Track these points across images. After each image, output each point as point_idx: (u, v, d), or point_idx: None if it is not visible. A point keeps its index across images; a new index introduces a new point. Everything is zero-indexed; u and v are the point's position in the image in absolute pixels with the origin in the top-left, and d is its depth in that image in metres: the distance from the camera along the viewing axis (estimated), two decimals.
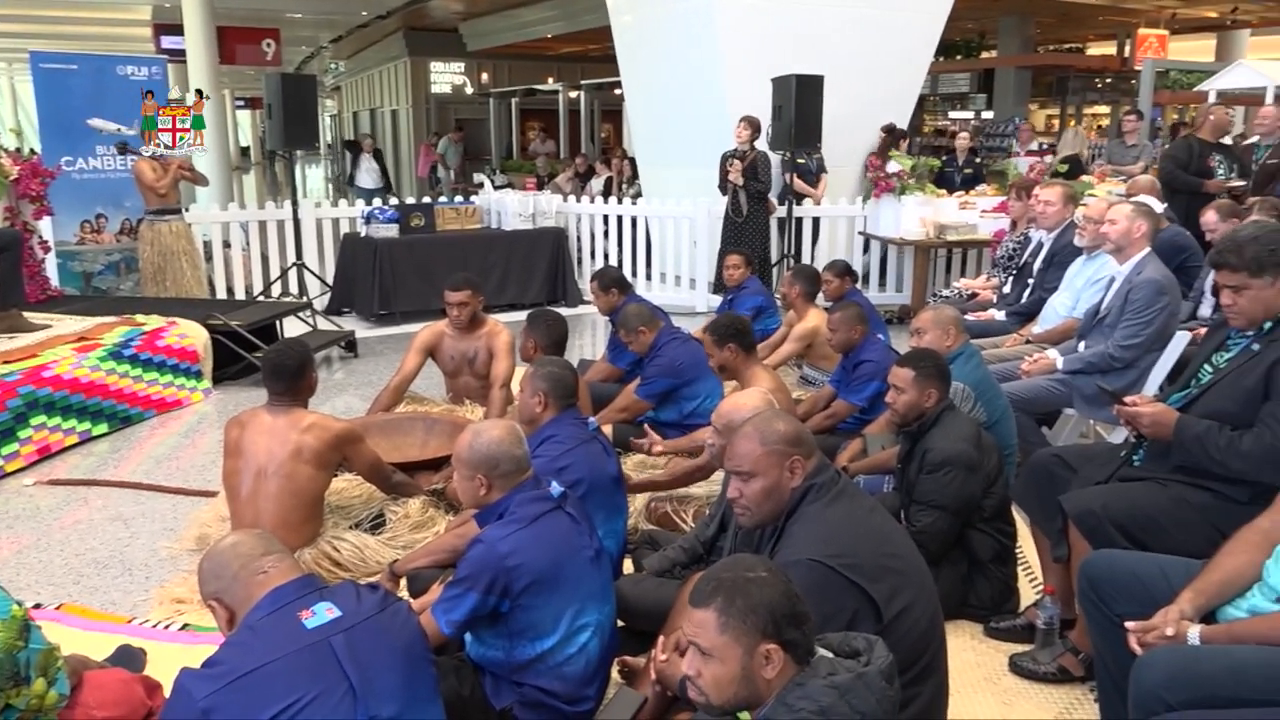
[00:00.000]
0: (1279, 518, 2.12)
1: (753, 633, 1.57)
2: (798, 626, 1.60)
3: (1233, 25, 16.08)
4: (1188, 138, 7.04)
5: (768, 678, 1.58)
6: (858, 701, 1.56)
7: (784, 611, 1.58)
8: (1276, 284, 2.50)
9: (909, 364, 3.18)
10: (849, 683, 1.58)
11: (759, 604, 1.58)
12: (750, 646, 1.57)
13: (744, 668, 1.58)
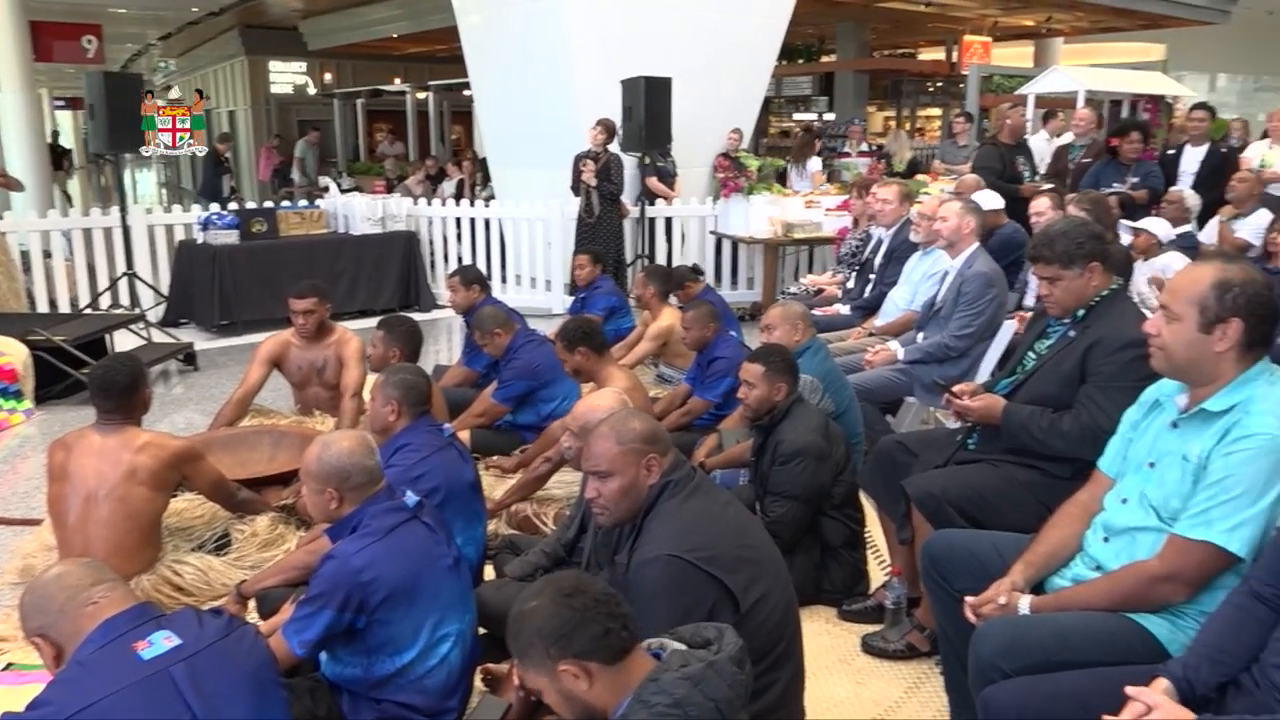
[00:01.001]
0: (1096, 492, 2.27)
1: (544, 661, 1.61)
2: (581, 636, 1.60)
3: (1048, 34, 17.21)
4: (994, 145, 7.38)
5: (585, 690, 1.61)
6: (711, 690, 1.59)
7: (556, 630, 1.60)
8: (1085, 275, 2.69)
9: (759, 359, 3.27)
10: (701, 672, 1.61)
11: (533, 637, 1.61)
12: (551, 671, 1.61)
13: (560, 692, 1.63)
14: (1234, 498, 1.89)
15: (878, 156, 10.31)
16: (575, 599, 1.62)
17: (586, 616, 1.61)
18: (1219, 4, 14.87)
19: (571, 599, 1.62)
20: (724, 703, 1.59)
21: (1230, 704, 1.72)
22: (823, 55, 19.20)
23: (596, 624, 1.61)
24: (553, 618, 1.61)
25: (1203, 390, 2.02)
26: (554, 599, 1.63)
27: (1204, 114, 7.39)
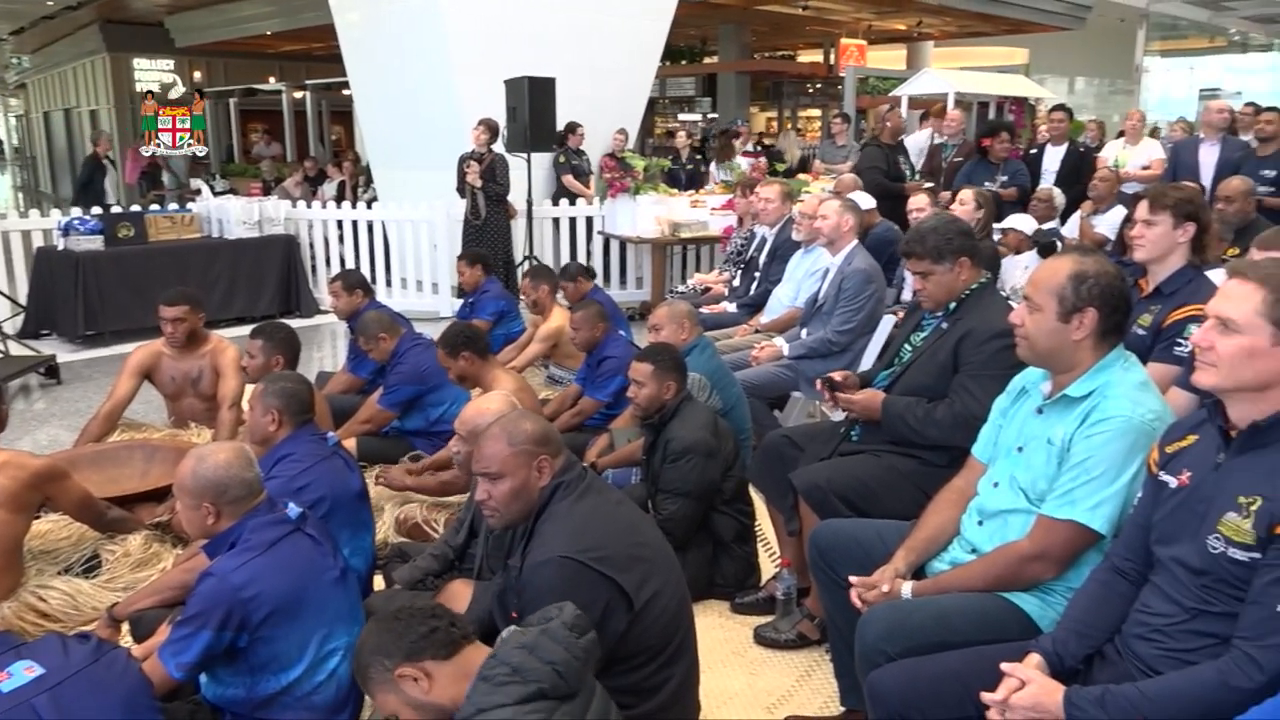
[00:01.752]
0: (971, 478, 2.36)
1: (384, 676, 1.74)
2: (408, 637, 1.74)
3: (919, 37, 17.85)
4: (878, 146, 7.66)
5: (428, 691, 1.73)
6: (545, 654, 1.70)
7: (386, 642, 1.75)
8: (956, 269, 2.80)
9: (647, 359, 3.29)
10: (535, 639, 1.72)
11: (369, 658, 1.76)
12: (393, 685, 1.74)
13: (408, 704, 1.74)
14: (1095, 478, 1.99)
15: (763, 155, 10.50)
16: (400, 614, 1.79)
17: (411, 623, 1.76)
18: (1074, 11, 15.68)
19: (396, 616, 1.79)
20: (561, 664, 1.69)
21: (1096, 674, 1.82)
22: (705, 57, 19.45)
23: (422, 625, 1.75)
24: (382, 634, 1.76)
25: (1064, 377, 2.13)
26: (380, 622, 1.80)
27: (1063, 115, 7.78)
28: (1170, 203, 2.95)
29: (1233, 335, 1.66)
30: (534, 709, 1.64)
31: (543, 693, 1.67)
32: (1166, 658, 1.70)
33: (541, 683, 1.67)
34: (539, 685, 1.67)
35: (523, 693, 1.66)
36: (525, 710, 1.63)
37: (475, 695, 1.68)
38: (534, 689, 1.66)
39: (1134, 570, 1.86)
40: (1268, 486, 1.61)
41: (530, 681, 1.66)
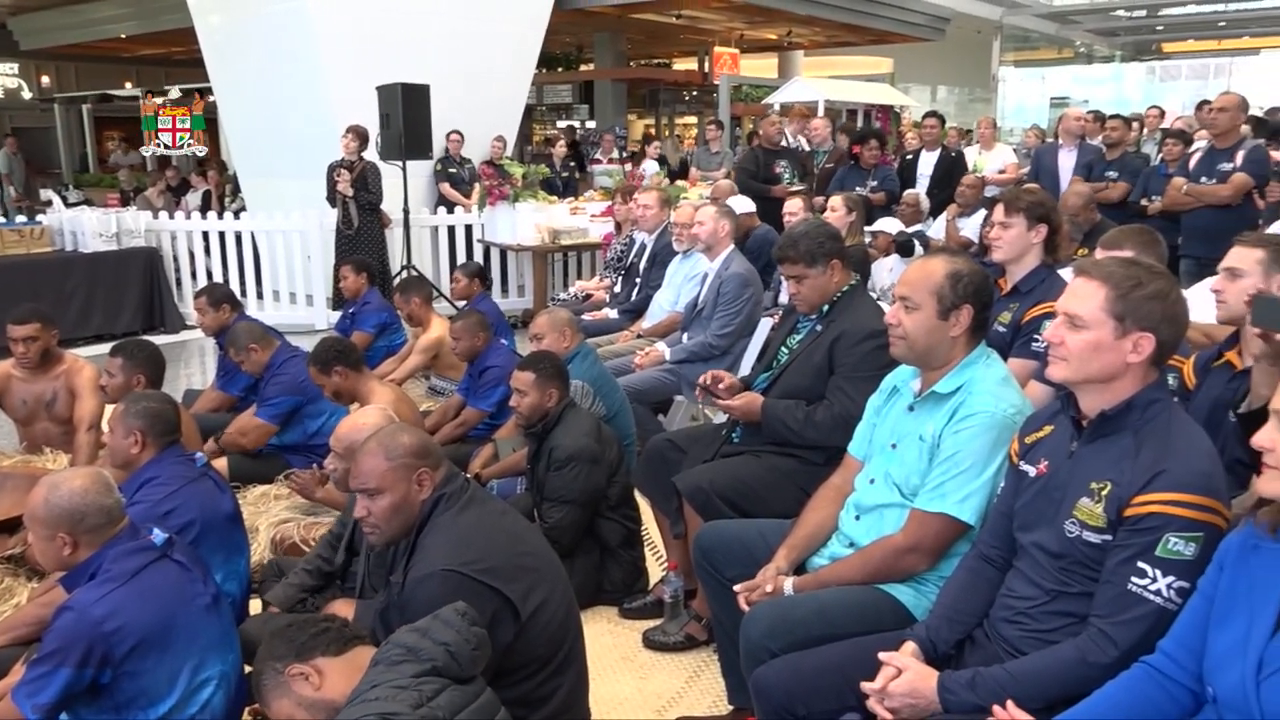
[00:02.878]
0: (847, 474, 2.44)
1: (277, 679, 1.75)
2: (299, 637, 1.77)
3: (790, 46, 18.32)
4: (754, 148, 7.85)
5: (319, 688, 1.73)
6: (438, 635, 1.71)
7: (279, 646, 1.77)
8: (828, 272, 2.89)
9: (529, 367, 3.28)
10: (428, 623, 1.74)
11: (262, 665, 1.78)
12: (286, 687, 1.74)
13: (301, 705, 1.73)
14: (963, 471, 2.08)
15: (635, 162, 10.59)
16: (294, 621, 1.85)
17: (303, 626, 1.79)
18: (935, 23, 16.36)
19: (290, 624, 1.83)
20: (453, 645, 1.71)
21: (967, 658, 1.90)
22: (582, 64, 19.51)
23: (313, 627, 1.78)
24: (274, 641, 1.78)
25: (934, 375, 2.22)
26: (274, 632, 1.82)
27: (935, 121, 8.11)
28: (1024, 205, 3.10)
29: (1080, 331, 1.76)
30: (426, 681, 1.65)
31: (436, 670, 1.67)
32: (1030, 638, 1.79)
33: (435, 660, 1.68)
34: (433, 663, 1.67)
35: (417, 669, 1.66)
36: (418, 682, 1.64)
37: (367, 675, 1.67)
38: (428, 666, 1.67)
39: (999, 557, 1.95)
40: (1116, 472, 1.71)
41: (424, 660, 1.67)
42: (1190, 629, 1.56)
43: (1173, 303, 1.74)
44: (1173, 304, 1.74)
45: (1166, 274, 1.82)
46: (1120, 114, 7.58)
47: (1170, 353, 1.78)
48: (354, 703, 1.63)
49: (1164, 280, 1.76)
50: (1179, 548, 1.63)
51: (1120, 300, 1.73)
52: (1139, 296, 1.72)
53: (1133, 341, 1.72)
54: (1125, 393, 1.75)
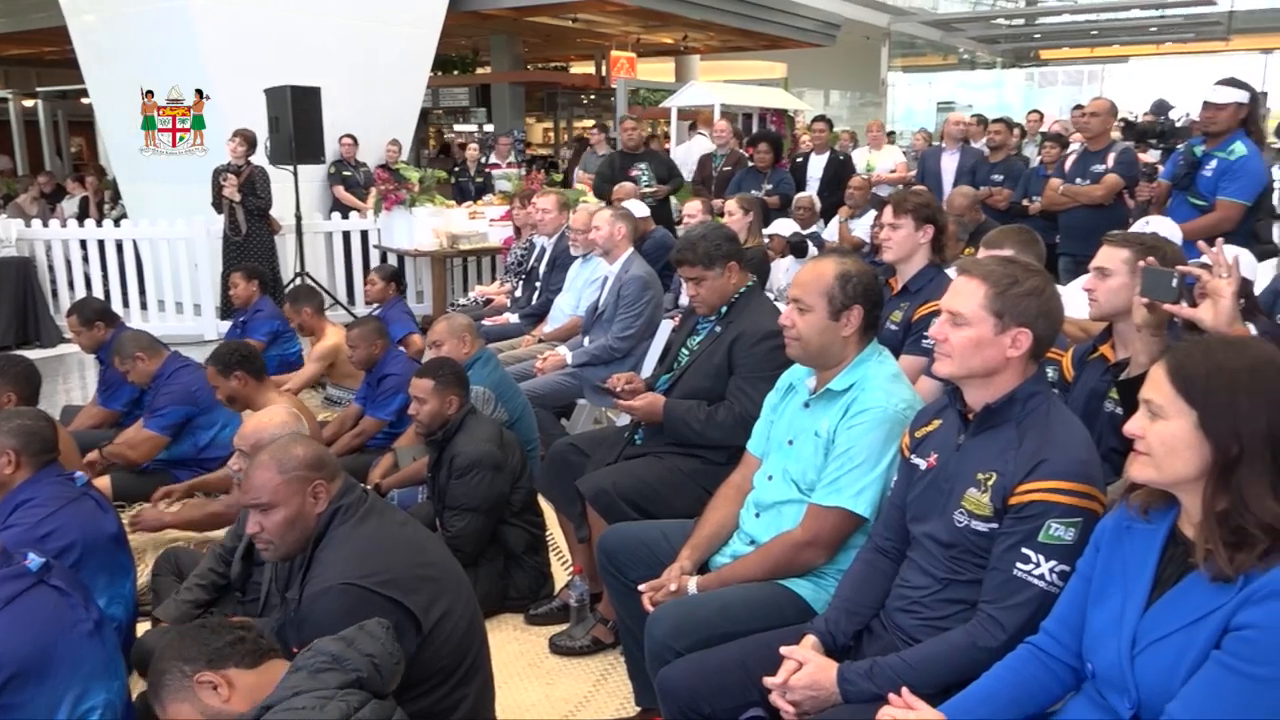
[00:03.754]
0: (747, 473, 2.47)
1: (182, 682, 1.67)
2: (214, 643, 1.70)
3: (686, 51, 18.49)
4: (614, 153, 7.95)
5: (226, 700, 1.66)
6: (364, 646, 1.69)
7: (190, 647, 1.69)
8: (725, 274, 2.93)
9: (427, 374, 3.24)
10: (353, 634, 1.71)
11: (168, 663, 1.69)
12: (190, 692, 1.66)
13: (204, 714, 1.66)
14: (857, 465, 2.14)
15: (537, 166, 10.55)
16: (205, 624, 1.77)
17: (218, 631, 1.72)
18: (825, 29, 16.74)
19: (204, 625, 1.76)
20: (379, 658, 1.68)
21: (865, 648, 1.95)
22: (478, 67, 19.32)
23: (229, 634, 1.71)
24: (185, 640, 1.71)
25: (828, 373, 2.27)
26: (187, 630, 1.75)
27: (823, 125, 8.31)
28: (911, 207, 3.20)
29: (962, 328, 1.83)
30: (351, 693, 1.61)
31: (360, 682, 1.63)
32: (924, 626, 1.85)
33: (360, 672, 1.64)
34: (357, 674, 1.64)
35: (341, 679, 1.61)
36: (343, 693, 1.59)
37: (288, 680, 1.61)
38: (353, 677, 1.63)
39: (894, 548, 2.01)
40: (1000, 463, 1.78)
41: (349, 670, 1.63)
42: (1070, 609, 1.64)
43: (1047, 299, 1.82)
44: (1047, 300, 1.82)
45: (1042, 272, 1.91)
46: (1003, 118, 7.88)
47: (1047, 347, 1.85)
48: (277, 708, 1.57)
49: (1039, 278, 1.85)
50: (1059, 533, 1.70)
51: (999, 298, 1.80)
52: (1016, 294, 1.80)
53: (1011, 337, 1.80)
54: (1007, 386, 1.83)
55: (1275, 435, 1.38)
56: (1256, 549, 1.37)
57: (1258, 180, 4.17)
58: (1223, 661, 1.37)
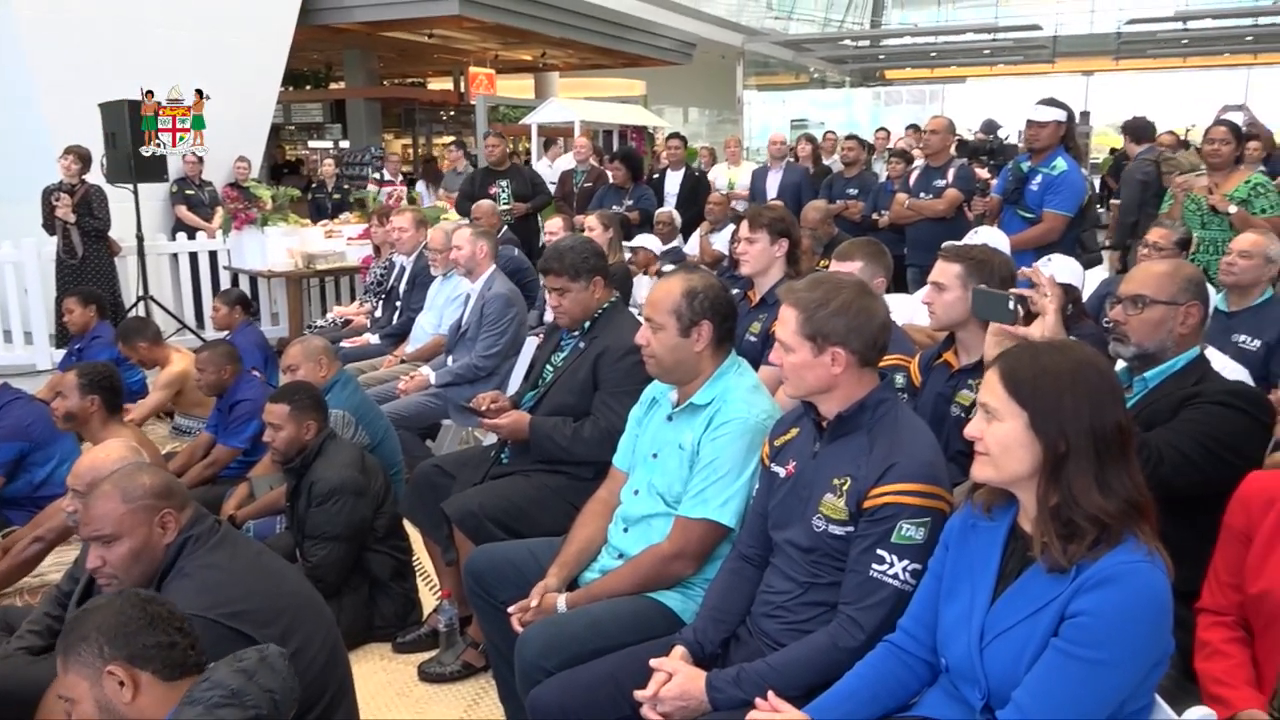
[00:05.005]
0: (614, 487, 2.49)
1: (94, 660, 1.56)
2: (143, 638, 1.58)
3: (545, 68, 18.54)
4: (476, 170, 7.96)
5: (128, 702, 1.56)
6: (265, 680, 1.59)
7: (119, 626, 1.58)
8: (591, 288, 2.94)
9: (283, 399, 3.13)
10: (254, 665, 1.61)
11: (91, 630, 1.58)
12: (97, 673, 1.56)
13: (98, 702, 1.57)
14: (721, 476, 2.18)
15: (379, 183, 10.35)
16: (151, 605, 1.62)
17: (156, 624, 1.59)
18: (682, 48, 17.10)
19: (147, 605, 1.61)
20: (280, 694, 1.60)
21: (733, 655, 1.98)
22: (332, 82, 18.86)
23: (163, 633, 1.59)
24: (120, 614, 1.59)
25: (689, 387, 2.31)
26: (129, 600, 1.61)
27: (679, 142, 8.46)
28: (766, 221, 3.30)
29: (789, 354, 1.91)
30: None
31: None
32: (788, 630, 1.90)
33: (260, 709, 1.55)
34: (256, 712, 1.54)
35: (240, 717, 1.52)
36: None
37: (183, 713, 1.52)
38: (251, 714, 1.53)
39: (758, 556, 2.05)
40: (853, 468, 1.85)
41: (249, 707, 1.54)
42: (924, 606, 1.71)
43: (856, 314, 1.88)
44: (856, 315, 1.88)
45: (853, 286, 1.96)
46: (854, 135, 8.22)
47: (874, 357, 1.92)
48: None
49: (849, 293, 1.91)
50: (911, 533, 1.78)
51: (808, 322, 1.88)
52: (823, 316, 1.88)
53: (830, 356, 1.87)
54: (855, 396, 1.90)
55: (1097, 432, 1.48)
56: (1086, 540, 1.47)
57: (1079, 193, 4.48)
58: (1060, 648, 1.46)
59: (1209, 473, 1.96)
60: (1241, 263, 3.46)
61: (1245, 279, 3.47)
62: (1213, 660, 1.78)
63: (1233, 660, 1.76)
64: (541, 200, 7.70)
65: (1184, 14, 20.66)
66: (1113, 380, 1.56)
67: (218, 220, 7.98)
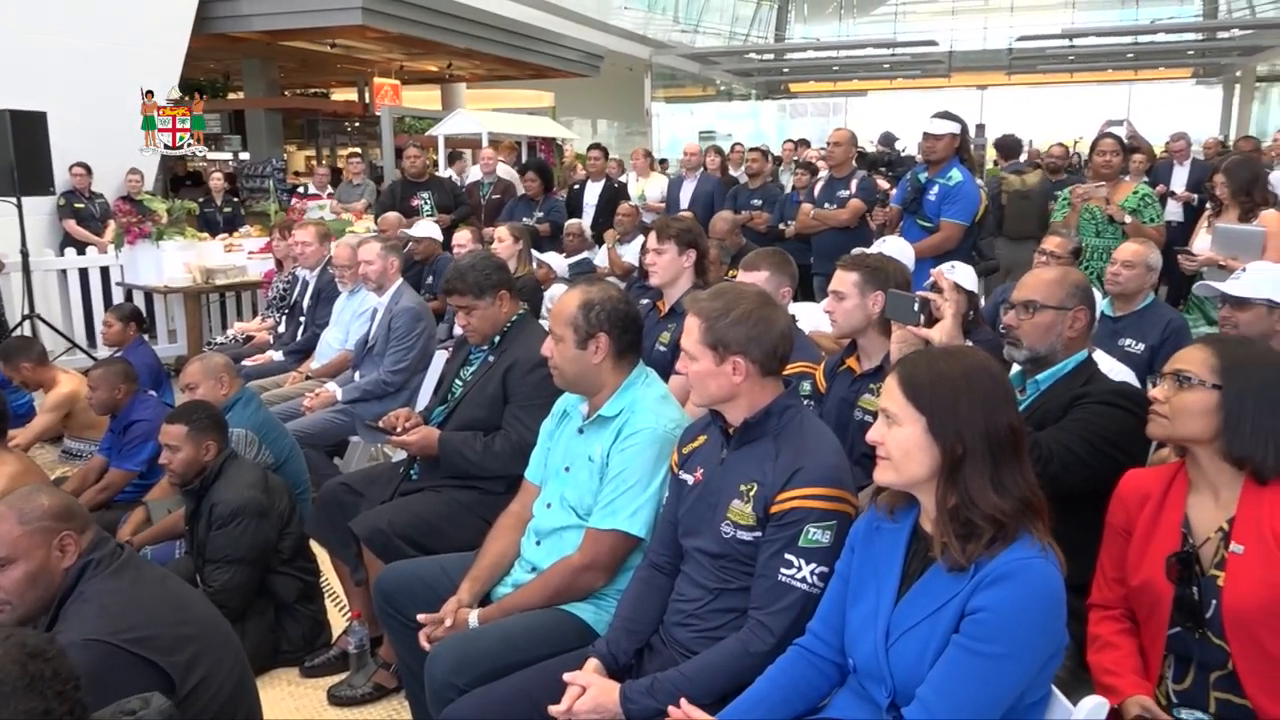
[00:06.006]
0: (526, 501, 2.47)
1: None
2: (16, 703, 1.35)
3: (451, 79, 18.35)
4: (394, 181, 7.90)
5: None
6: None
7: None
8: (497, 303, 2.93)
9: (180, 419, 3.03)
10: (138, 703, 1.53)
11: None
12: None
13: None
14: (630, 487, 2.19)
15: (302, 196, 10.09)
16: (34, 662, 1.35)
17: (34, 686, 1.35)
18: (590, 59, 17.14)
19: (30, 661, 1.35)
20: None
21: (646, 665, 1.99)
22: (230, 92, 18.35)
23: (40, 699, 1.35)
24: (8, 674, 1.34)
25: (598, 398, 2.31)
26: (10, 652, 1.35)
27: (599, 153, 8.47)
28: (674, 233, 3.33)
29: (693, 362, 1.93)
30: None
31: None
32: (700, 638, 1.91)
33: None
34: None
35: None
36: None
37: None
38: None
39: (669, 564, 2.06)
40: (760, 474, 1.87)
41: None
42: (832, 609, 1.74)
43: (756, 323, 1.92)
44: (756, 325, 1.92)
45: (754, 296, 2.00)
46: (759, 146, 8.34)
47: (775, 366, 1.96)
48: None
49: (749, 303, 1.95)
50: (817, 537, 1.81)
51: (710, 331, 1.92)
52: (724, 325, 1.91)
53: (731, 365, 1.91)
54: (760, 403, 1.93)
55: (991, 434, 1.53)
56: (983, 538, 1.52)
57: (974, 202, 4.64)
58: (961, 644, 1.50)
59: (1096, 469, 2.05)
60: (1125, 272, 3.63)
61: (1129, 287, 3.64)
62: (1103, 652, 1.86)
63: (1121, 651, 1.84)
64: (464, 212, 7.63)
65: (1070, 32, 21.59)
66: (1004, 384, 1.62)
67: (109, 234, 7.67)
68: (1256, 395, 1.73)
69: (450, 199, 7.52)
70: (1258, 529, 1.71)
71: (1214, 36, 22.27)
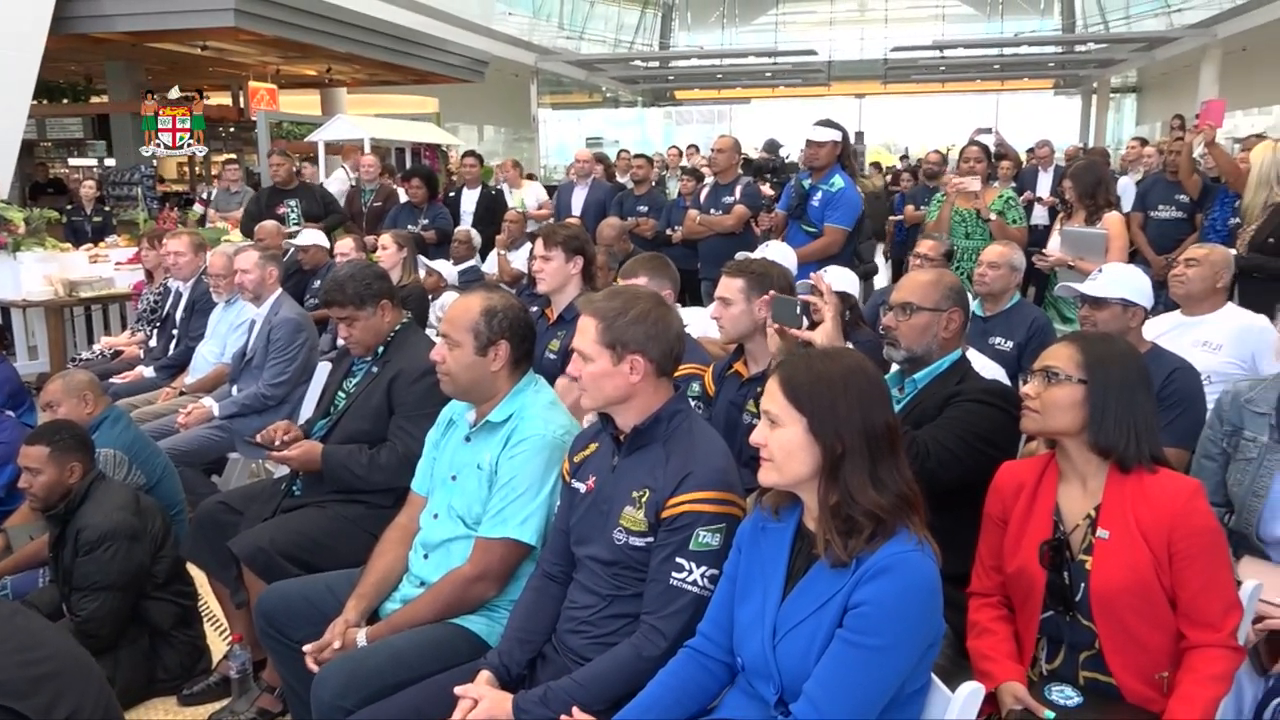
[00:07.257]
0: (413, 513, 2.42)
1: None
2: None
3: (331, 84, 17.90)
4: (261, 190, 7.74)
5: None
6: None
7: None
8: (379, 313, 2.87)
9: (41, 440, 2.87)
10: None
11: None
12: None
13: None
14: (520, 494, 2.17)
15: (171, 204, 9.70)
16: None
17: None
18: (474, 65, 16.98)
19: None
20: None
21: (539, 675, 1.97)
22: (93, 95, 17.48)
23: None
24: None
25: (486, 405, 2.29)
26: None
27: (474, 160, 8.38)
28: (560, 240, 3.32)
29: (588, 363, 1.94)
30: None
31: None
32: (593, 645, 1.91)
33: None
34: None
35: None
36: None
37: None
38: None
39: (561, 573, 2.05)
40: (651, 479, 1.88)
41: None
42: (720, 610, 1.76)
43: (653, 323, 1.94)
44: (654, 324, 1.94)
45: (650, 297, 2.03)
46: (644, 154, 8.41)
47: (670, 366, 1.98)
48: None
49: (645, 303, 1.97)
50: (707, 539, 1.83)
51: (608, 330, 1.92)
52: (622, 324, 1.92)
53: (629, 364, 1.92)
54: (651, 408, 1.94)
55: (869, 433, 1.58)
56: (864, 534, 1.56)
57: (855, 208, 4.77)
58: (844, 638, 1.54)
59: (969, 464, 2.13)
60: (991, 273, 3.80)
61: (996, 287, 3.80)
62: (981, 638, 1.94)
63: (997, 636, 1.92)
64: (334, 220, 7.43)
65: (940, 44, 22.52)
66: (880, 384, 1.67)
67: None
68: (1118, 389, 1.84)
69: (319, 206, 7.31)
70: (1122, 515, 1.81)
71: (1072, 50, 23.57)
